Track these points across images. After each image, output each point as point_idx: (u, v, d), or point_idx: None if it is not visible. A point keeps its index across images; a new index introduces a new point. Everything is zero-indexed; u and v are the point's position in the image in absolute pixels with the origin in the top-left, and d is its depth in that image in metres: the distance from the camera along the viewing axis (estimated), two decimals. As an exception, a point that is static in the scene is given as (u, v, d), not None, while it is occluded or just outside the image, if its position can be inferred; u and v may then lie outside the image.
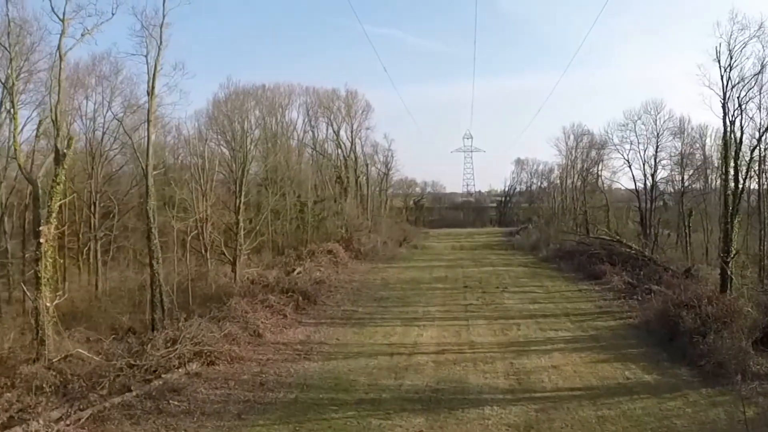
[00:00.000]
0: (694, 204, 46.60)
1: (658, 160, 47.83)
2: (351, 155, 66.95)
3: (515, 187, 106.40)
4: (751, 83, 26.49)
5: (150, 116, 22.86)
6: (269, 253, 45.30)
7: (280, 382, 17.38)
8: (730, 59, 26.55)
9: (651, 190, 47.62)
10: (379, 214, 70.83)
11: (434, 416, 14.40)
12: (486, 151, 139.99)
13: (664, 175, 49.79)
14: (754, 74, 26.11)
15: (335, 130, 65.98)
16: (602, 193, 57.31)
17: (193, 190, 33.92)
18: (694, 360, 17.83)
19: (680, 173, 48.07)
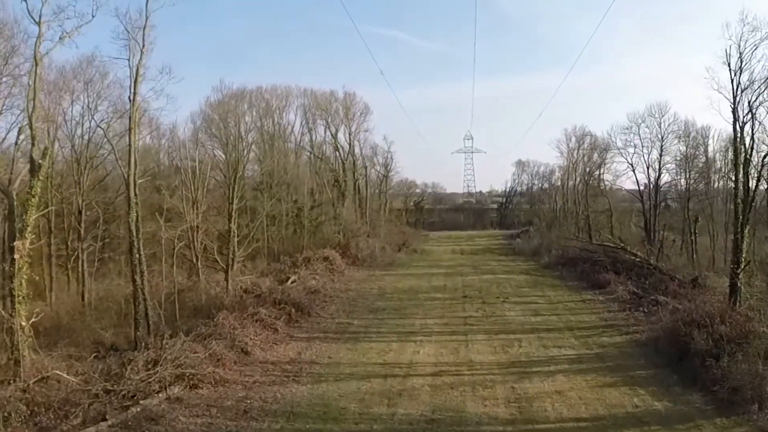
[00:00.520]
0: (699, 208, 45.40)
1: (662, 164, 46.65)
2: (349, 158, 65.85)
3: (516, 188, 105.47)
4: (761, 87, 25.41)
5: (132, 123, 21.74)
6: (264, 259, 44.22)
7: (266, 410, 16.28)
8: (741, 62, 25.51)
9: (655, 194, 46.43)
10: (378, 217, 69.72)
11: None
12: (486, 152, 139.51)
13: (669, 179, 48.67)
14: (767, 77, 24.94)
15: (333, 133, 64.92)
16: (605, 197, 56.11)
17: (183, 197, 32.79)
18: (707, 385, 16.70)
19: (685, 177, 46.92)
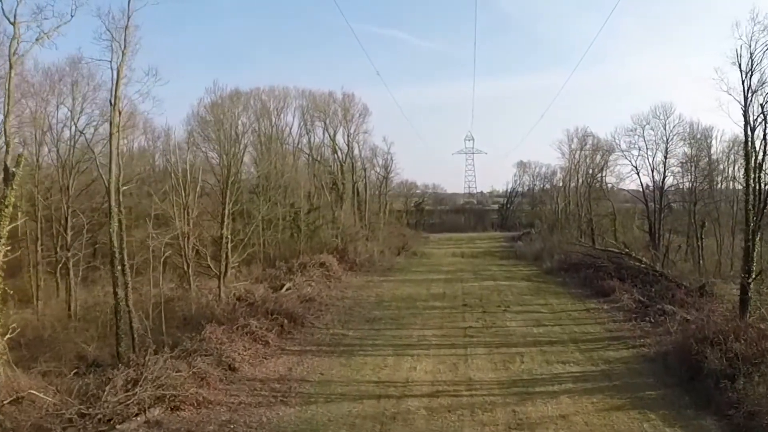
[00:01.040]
0: (705, 211, 44.26)
1: (667, 167, 45.49)
2: (348, 160, 64.77)
3: (517, 189, 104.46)
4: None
5: (113, 127, 20.66)
6: (260, 264, 43.19)
7: (250, 436, 15.23)
8: (752, 63, 24.41)
9: (660, 197, 45.26)
10: (377, 220, 68.65)
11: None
12: (487, 152, 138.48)
13: (674, 181, 47.53)
14: (780, 79, 23.83)
15: (331, 135, 63.83)
16: (608, 200, 54.99)
17: (174, 202, 31.73)
18: (722, 408, 15.58)
19: (690, 180, 45.78)
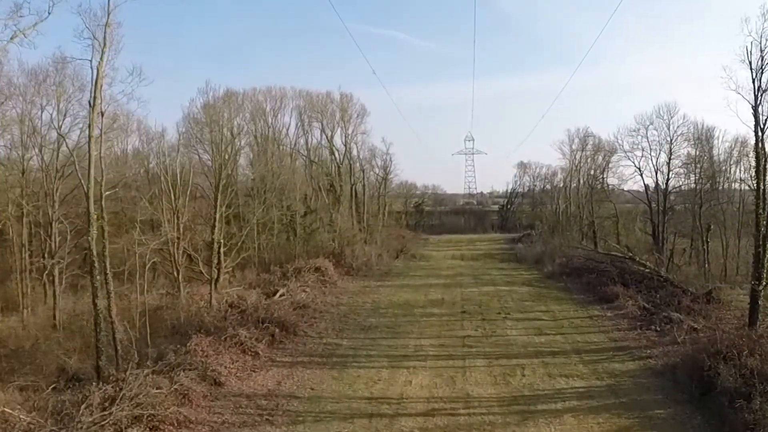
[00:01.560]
0: (711, 213, 43.18)
1: (671, 168, 44.43)
2: (345, 161, 63.76)
3: (517, 189, 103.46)
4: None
5: (91, 130, 19.59)
6: (255, 269, 42.20)
7: (231, 462, 14.20)
8: (762, 60, 23.39)
9: (664, 200, 44.20)
10: (376, 222, 67.62)
11: None
12: (488, 153, 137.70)
13: (677, 183, 46.49)
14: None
15: (328, 137, 62.84)
16: (610, 201, 53.93)
17: (163, 206, 30.74)
18: (737, 430, 14.54)
19: (695, 182, 44.72)
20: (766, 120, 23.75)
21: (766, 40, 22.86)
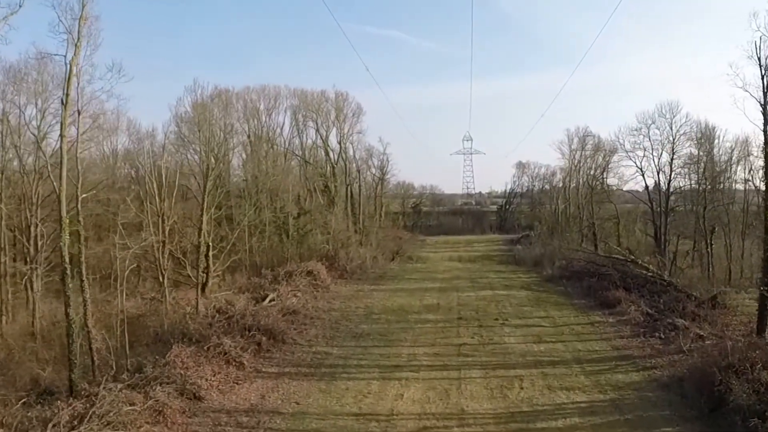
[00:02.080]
0: (715, 215, 42.09)
1: (673, 168, 43.30)
2: (340, 161, 62.64)
3: (516, 190, 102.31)
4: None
5: (63, 130, 18.42)
6: (246, 272, 41.06)
7: (203, 489, 13.05)
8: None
9: (666, 201, 43.09)
10: (372, 223, 66.46)
11: None
12: (486, 153, 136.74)
13: (681, 183, 45.42)
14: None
15: (323, 136, 61.73)
16: (611, 203, 52.84)
17: (148, 209, 29.62)
18: (753, 453, 13.45)
19: (698, 182, 43.62)
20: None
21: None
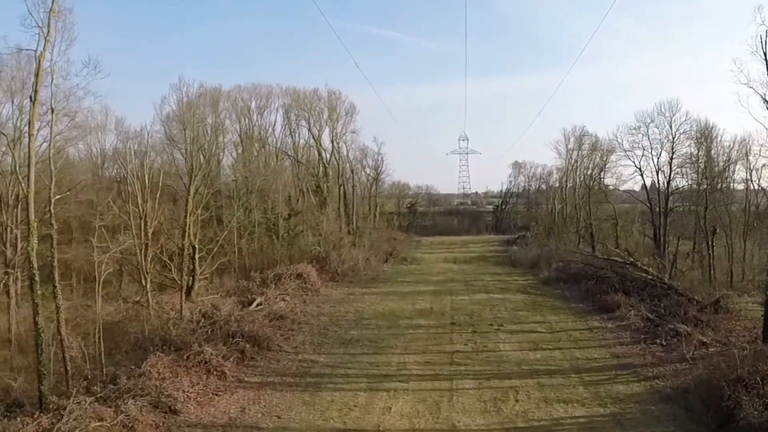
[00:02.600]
0: (716, 216, 41.08)
1: (672, 168, 42.27)
2: (332, 161, 61.51)
3: (512, 190, 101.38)
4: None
5: (31, 129, 17.27)
6: (235, 275, 39.91)
7: None
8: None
9: (666, 201, 42.08)
10: (365, 224, 65.33)
11: None
12: (482, 153, 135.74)
13: (681, 183, 44.43)
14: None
15: (314, 136, 60.59)
16: (609, 203, 51.81)
17: (130, 211, 28.48)
18: (767, 475, 12.41)
19: (697, 182, 42.63)
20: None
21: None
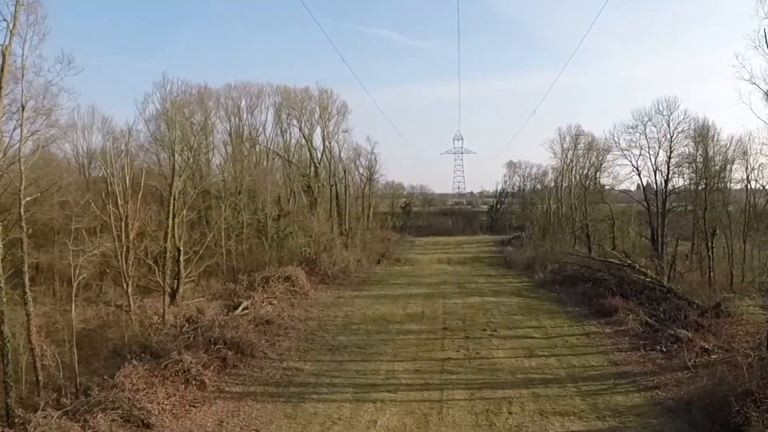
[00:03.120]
0: (716, 216, 40.17)
1: (670, 167, 41.33)
2: (324, 160, 60.44)
3: (507, 190, 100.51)
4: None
5: (-4, 126, 16.28)
6: (222, 277, 38.81)
7: None
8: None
9: (664, 201, 41.16)
10: (358, 225, 64.27)
11: None
12: (477, 152, 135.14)
13: (680, 183, 43.56)
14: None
15: (305, 135, 59.51)
16: (605, 203, 50.88)
17: (111, 213, 27.43)
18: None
19: (696, 182, 41.74)
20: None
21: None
